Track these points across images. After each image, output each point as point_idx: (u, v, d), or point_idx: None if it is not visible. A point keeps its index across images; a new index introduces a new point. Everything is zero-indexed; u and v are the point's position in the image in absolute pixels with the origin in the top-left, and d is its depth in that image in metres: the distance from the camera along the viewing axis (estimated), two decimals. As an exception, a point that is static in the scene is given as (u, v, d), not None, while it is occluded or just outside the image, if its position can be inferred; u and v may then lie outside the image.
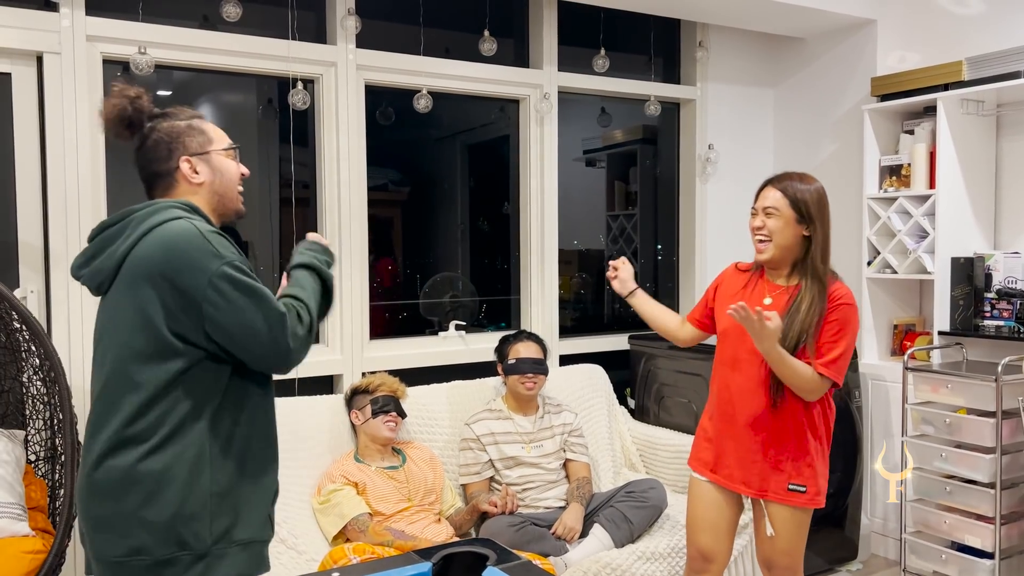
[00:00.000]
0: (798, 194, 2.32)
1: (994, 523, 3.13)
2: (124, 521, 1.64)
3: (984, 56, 3.42)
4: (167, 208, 1.70)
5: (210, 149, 1.79)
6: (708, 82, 4.29)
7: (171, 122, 1.77)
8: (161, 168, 1.76)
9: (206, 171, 1.78)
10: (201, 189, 1.78)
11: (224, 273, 1.62)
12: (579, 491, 3.12)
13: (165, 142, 1.75)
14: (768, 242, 2.35)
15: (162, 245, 1.63)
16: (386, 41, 3.46)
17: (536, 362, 3.20)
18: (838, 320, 2.30)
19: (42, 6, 2.85)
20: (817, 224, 2.32)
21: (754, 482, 2.41)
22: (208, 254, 1.62)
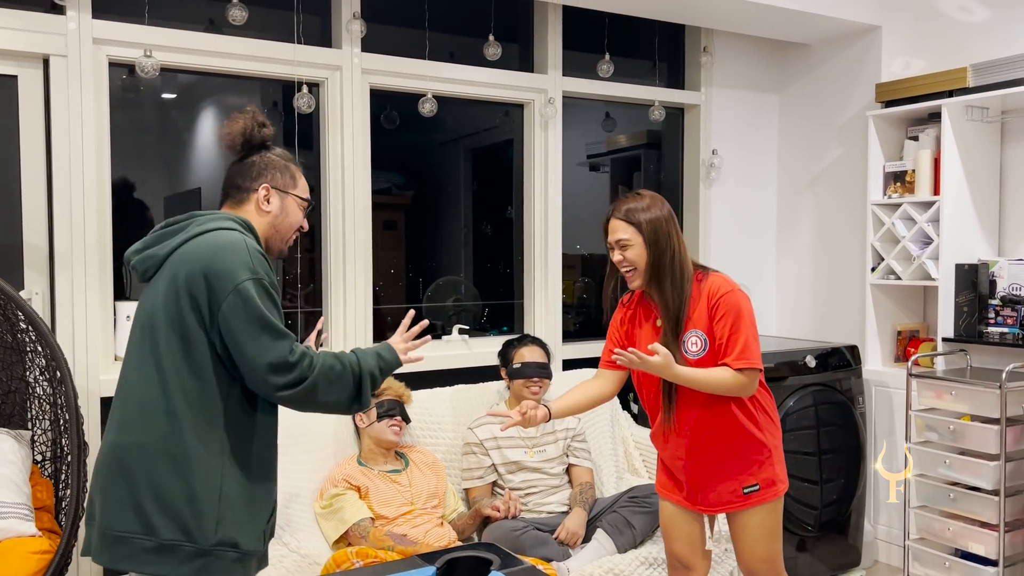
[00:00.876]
0: (640, 217, 2.32)
1: (998, 530, 3.12)
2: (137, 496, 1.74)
3: (989, 63, 3.42)
4: (227, 219, 1.87)
5: (290, 192, 1.98)
6: (712, 87, 4.30)
7: (272, 155, 1.98)
8: (243, 184, 1.94)
9: (276, 205, 1.95)
10: (264, 217, 1.95)
11: (248, 285, 1.76)
12: (582, 496, 3.12)
13: (259, 166, 1.95)
14: (633, 270, 2.35)
15: (210, 246, 1.79)
16: (391, 45, 3.47)
17: (541, 366, 3.21)
18: (727, 312, 2.30)
19: (49, 9, 2.86)
20: (663, 242, 2.31)
21: (708, 499, 2.40)
22: (244, 265, 1.77)
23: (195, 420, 1.77)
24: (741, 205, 4.41)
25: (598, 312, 4.41)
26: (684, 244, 2.36)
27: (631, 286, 2.39)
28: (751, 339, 2.30)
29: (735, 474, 2.36)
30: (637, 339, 2.44)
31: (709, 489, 2.40)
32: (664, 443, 2.47)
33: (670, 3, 3.61)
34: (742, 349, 2.27)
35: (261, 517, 1.87)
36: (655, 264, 2.31)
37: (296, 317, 3.45)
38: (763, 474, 2.37)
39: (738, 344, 2.28)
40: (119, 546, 1.75)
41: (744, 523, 2.40)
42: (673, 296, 2.32)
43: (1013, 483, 3.16)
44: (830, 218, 4.22)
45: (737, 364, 2.27)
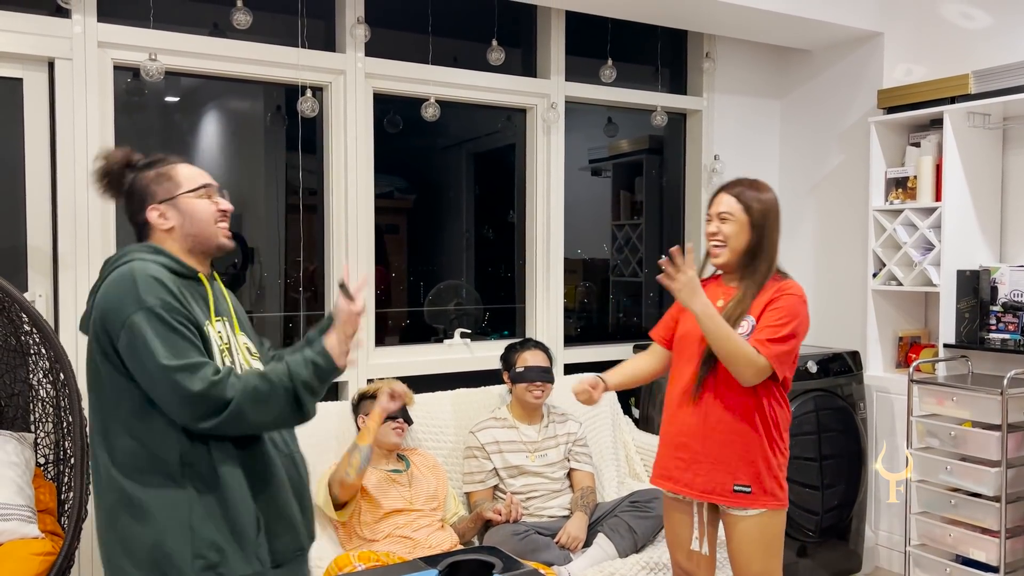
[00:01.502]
0: (750, 200, 2.37)
1: (999, 536, 3.12)
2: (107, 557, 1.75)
3: (991, 69, 3.43)
4: (130, 252, 1.78)
5: (177, 194, 1.83)
6: (715, 93, 4.31)
7: (143, 173, 1.83)
8: (137, 219, 1.84)
9: (175, 216, 1.82)
10: (173, 234, 1.82)
11: (135, 320, 1.65)
12: (583, 500, 3.12)
13: (137, 194, 1.83)
14: (723, 247, 2.39)
15: (104, 289, 1.72)
16: (395, 50, 3.48)
17: (544, 370, 3.21)
18: (784, 306, 2.30)
19: (54, 12, 2.87)
20: (765, 230, 2.35)
21: (698, 484, 2.37)
22: (129, 299, 1.67)
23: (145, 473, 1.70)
24: (743, 210, 4.41)
25: (600, 316, 4.42)
26: (776, 250, 2.38)
27: (715, 261, 2.42)
28: (789, 343, 2.28)
29: (731, 466, 2.33)
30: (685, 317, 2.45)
31: (702, 470, 2.36)
32: (673, 416, 2.44)
33: (672, 9, 3.63)
34: (776, 339, 2.26)
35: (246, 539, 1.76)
36: (751, 248, 2.35)
37: (298, 321, 3.45)
38: (759, 480, 2.33)
39: (777, 335, 2.27)
40: None
41: (739, 531, 2.36)
42: (751, 283, 2.34)
43: (1014, 489, 3.16)
44: (831, 224, 4.22)
45: (760, 346, 2.26)
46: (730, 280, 2.45)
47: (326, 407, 3.13)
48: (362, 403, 3.05)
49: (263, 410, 1.70)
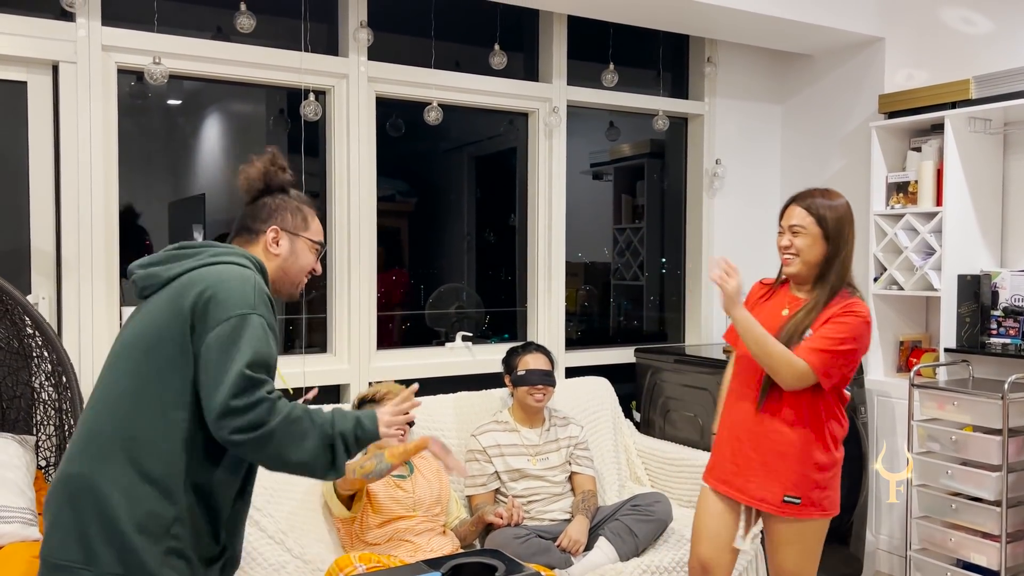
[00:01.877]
0: (823, 211, 2.35)
1: (1000, 541, 3.12)
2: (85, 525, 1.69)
3: (992, 75, 3.44)
4: (242, 255, 1.83)
5: (301, 234, 1.93)
6: (716, 97, 4.32)
7: (285, 197, 1.94)
8: (253, 225, 1.91)
9: (286, 248, 1.91)
10: (274, 260, 1.91)
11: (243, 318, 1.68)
12: (584, 504, 3.12)
13: (270, 208, 1.92)
14: (796, 257, 2.38)
15: (218, 274, 1.74)
16: (397, 54, 3.49)
17: (545, 374, 3.21)
18: (846, 323, 2.29)
19: (59, 16, 2.88)
20: (840, 241, 2.35)
21: (750, 490, 2.41)
22: (246, 300, 1.71)
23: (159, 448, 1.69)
24: (744, 215, 4.42)
25: (601, 319, 4.42)
26: (849, 259, 2.37)
27: (787, 270, 2.41)
28: (841, 356, 2.28)
29: (784, 477, 2.35)
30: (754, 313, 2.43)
31: (755, 476, 2.39)
32: (732, 420, 2.46)
33: (674, 13, 3.63)
34: (824, 351, 2.26)
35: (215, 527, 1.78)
36: (826, 260, 2.34)
37: (300, 324, 3.46)
38: (810, 492, 2.36)
39: (827, 346, 2.26)
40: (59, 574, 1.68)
41: (780, 534, 2.40)
42: (821, 295, 2.33)
43: (1015, 494, 3.16)
44: (833, 228, 4.22)
45: (808, 356, 2.26)
46: (799, 290, 2.45)
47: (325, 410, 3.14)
48: (363, 407, 3.05)
49: (295, 447, 1.69)
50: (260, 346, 1.68)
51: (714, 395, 3.57)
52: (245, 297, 1.71)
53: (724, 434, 2.51)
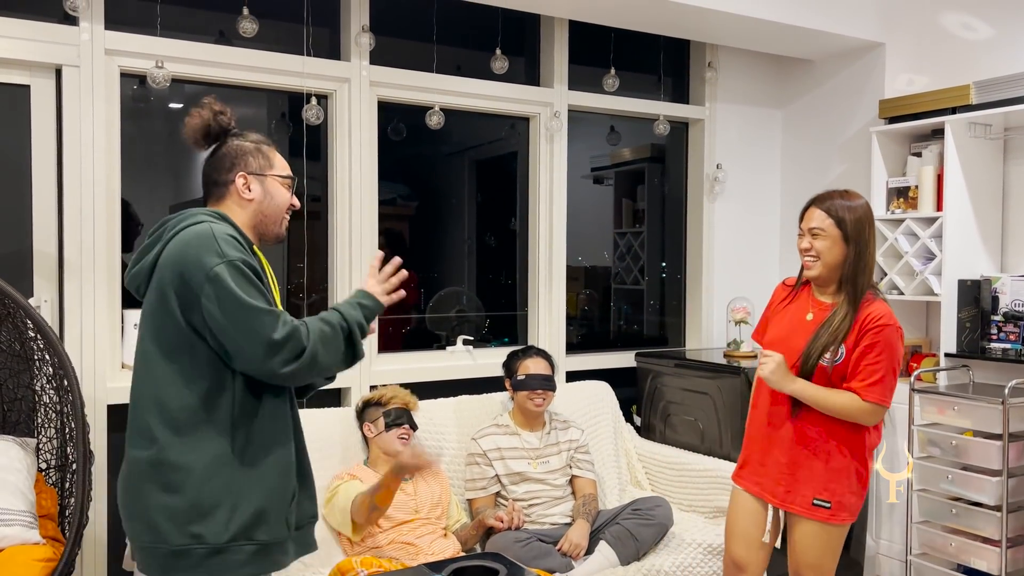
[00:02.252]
0: (841, 212, 2.36)
1: (1000, 546, 3.12)
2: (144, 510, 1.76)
3: (992, 80, 3.45)
4: (194, 214, 1.84)
5: (268, 173, 1.93)
6: (717, 102, 4.32)
7: (240, 141, 1.93)
8: (220, 178, 1.91)
9: (258, 191, 1.92)
10: (249, 205, 1.91)
11: (219, 271, 1.71)
12: (585, 508, 3.13)
13: (230, 156, 1.91)
14: (816, 260, 2.39)
15: (178, 244, 1.77)
16: (399, 58, 3.50)
17: (545, 378, 3.22)
18: (878, 342, 2.31)
19: (62, 20, 2.88)
20: (860, 242, 2.35)
21: (779, 492, 2.46)
22: (212, 252, 1.73)
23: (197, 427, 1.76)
24: (745, 220, 4.43)
25: (601, 324, 4.43)
26: (871, 260, 2.37)
27: (808, 273, 2.42)
28: (890, 375, 2.32)
29: (815, 482, 2.39)
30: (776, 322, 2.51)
31: (784, 480, 2.43)
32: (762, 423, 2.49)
33: (675, 19, 3.64)
34: (877, 381, 2.30)
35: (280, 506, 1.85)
36: (847, 262, 2.34)
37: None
38: (840, 497, 2.39)
39: (876, 375, 2.29)
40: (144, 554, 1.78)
41: (804, 532, 2.44)
42: (849, 302, 2.34)
43: (1015, 499, 3.16)
44: (833, 233, 4.23)
45: (869, 395, 2.30)
46: (822, 293, 2.46)
47: (329, 413, 3.14)
48: (367, 410, 3.05)
49: (330, 352, 1.79)
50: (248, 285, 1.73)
51: (714, 400, 3.58)
52: (208, 252, 1.73)
53: (754, 434, 2.54)
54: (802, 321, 2.44)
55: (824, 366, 2.35)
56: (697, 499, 3.39)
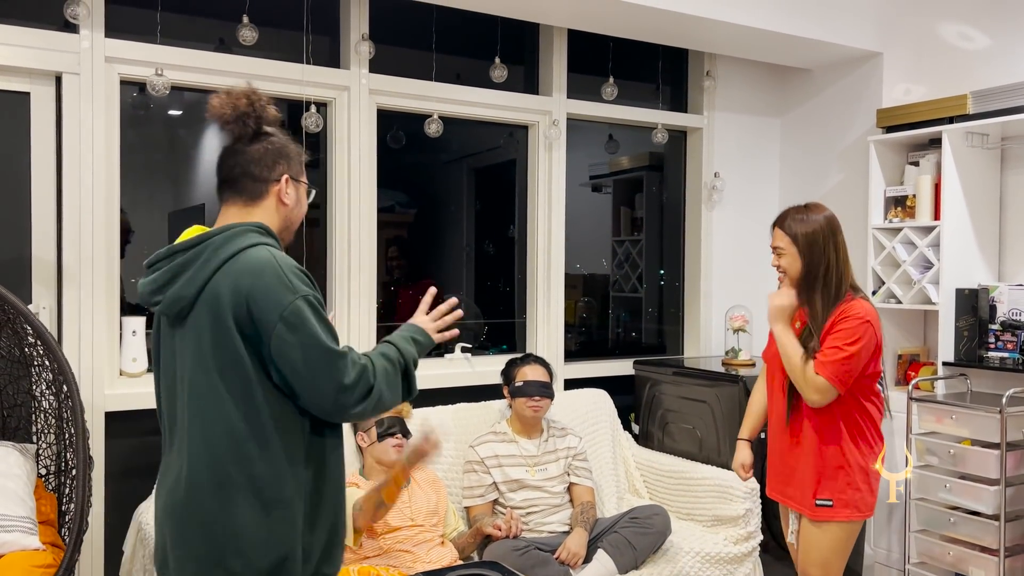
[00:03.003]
0: (795, 228, 2.50)
1: (998, 555, 3.12)
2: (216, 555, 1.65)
3: (989, 90, 3.46)
4: (245, 233, 1.67)
5: (301, 180, 1.81)
6: (715, 111, 4.34)
7: (285, 139, 1.78)
8: (261, 174, 1.73)
9: (294, 197, 1.78)
10: (282, 211, 1.77)
11: (296, 308, 1.60)
12: (583, 516, 3.12)
13: (275, 153, 1.74)
14: (785, 275, 2.55)
15: (243, 273, 1.61)
16: (398, 66, 3.51)
17: (543, 385, 3.22)
18: (846, 329, 2.41)
19: (62, 27, 2.89)
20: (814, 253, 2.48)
21: (792, 494, 2.57)
22: (284, 287, 1.60)
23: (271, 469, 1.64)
24: (743, 228, 4.44)
25: (600, 331, 4.43)
26: (846, 261, 2.50)
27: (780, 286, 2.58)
28: (849, 360, 2.39)
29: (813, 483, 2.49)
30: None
31: (789, 483, 2.57)
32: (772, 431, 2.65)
33: (673, 28, 3.66)
34: (832, 362, 2.39)
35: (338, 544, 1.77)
36: (806, 274, 2.48)
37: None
38: (842, 493, 2.48)
39: (832, 356, 2.39)
40: None
41: (810, 531, 2.54)
42: (822, 306, 2.46)
43: (1013, 508, 3.16)
44: (831, 241, 4.23)
45: (819, 368, 2.40)
46: (802, 299, 2.56)
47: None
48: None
49: (391, 389, 1.72)
50: (321, 322, 1.63)
51: (712, 408, 3.58)
52: (280, 287, 1.60)
53: (769, 445, 2.69)
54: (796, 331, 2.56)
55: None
56: (695, 508, 3.39)
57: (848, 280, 2.50)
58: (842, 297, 2.47)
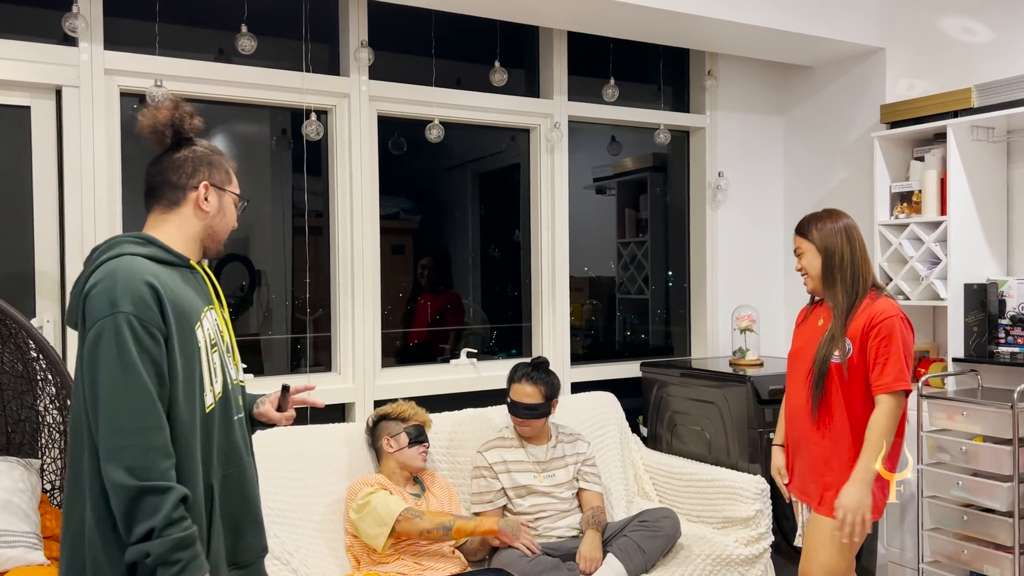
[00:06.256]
0: (812, 228, 2.62)
1: (1013, 552, 3.09)
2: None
3: (993, 83, 3.43)
4: (121, 243, 1.70)
5: (227, 189, 1.84)
6: (717, 110, 4.32)
7: (204, 149, 1.82)
8: (179, 181, 1.77)
9: (215, 205, 1.81)
10: (203, 218, 1.80)
11: (102, 326, 1.57)
12: (594, 519, 3.10)
13: (193, 161, 1.79)
14: (807, 275, 2.65)
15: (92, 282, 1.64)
16: (398, 72, 3.50)
17: (528, 408, 3.15)
18: (883, 336, 2.47)
19: (61, 41, 2.90)
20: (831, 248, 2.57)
21: (811, 491, 2.61)
22: (107, 300, 1.59)
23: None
24: (748, 227, 4.42)
25: (607, 334, 4.41)
26: (864, 258, 2.58)
27: (806, 288, 2.68)
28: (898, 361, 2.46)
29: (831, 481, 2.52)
30: (798, 336, 2.73)
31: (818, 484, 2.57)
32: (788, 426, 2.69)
33: (674, 28, 3.64)
34: (887, 372, 2.46)
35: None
36: (826, 269, 2.57)
37: (305, 343, 3.46)
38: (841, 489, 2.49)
39: (887, 368, 2.46)
40: None
41: (819, 525, 2.55)
42: (844, 298, 2.54)
43: (1027, 504, 3.13)
44: (837, 239, 4.21)
45: (881, 388, 2.46)
46: (827, 300, 2.64)
47: (331, 430, 3.13)
48: (387, 424, 3.03)
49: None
50: (129, 349, 1.56)
51: (721, 409, 3.56)
52: (106, 296, 1.59)
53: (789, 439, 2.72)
54: (815, 327, 2.65)
55: (837, 363, 2.52)
56: (705, 510, 3.37)
57: (869, 274, 2.58)
58: (863, 291, 2.54)
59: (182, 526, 1.56)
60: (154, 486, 1.54)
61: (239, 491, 1.80)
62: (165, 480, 1.55)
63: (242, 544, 1.81)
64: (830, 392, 2.54)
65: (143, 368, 1.57)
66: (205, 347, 1.73)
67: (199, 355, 1.71)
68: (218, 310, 1.83)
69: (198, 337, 1.71)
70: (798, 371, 2.66)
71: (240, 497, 1.80)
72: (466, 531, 2.76)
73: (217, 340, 1.78)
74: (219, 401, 1.76)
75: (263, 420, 1.97)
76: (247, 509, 1.82)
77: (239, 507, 1.80)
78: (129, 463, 1.53)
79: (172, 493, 1.55)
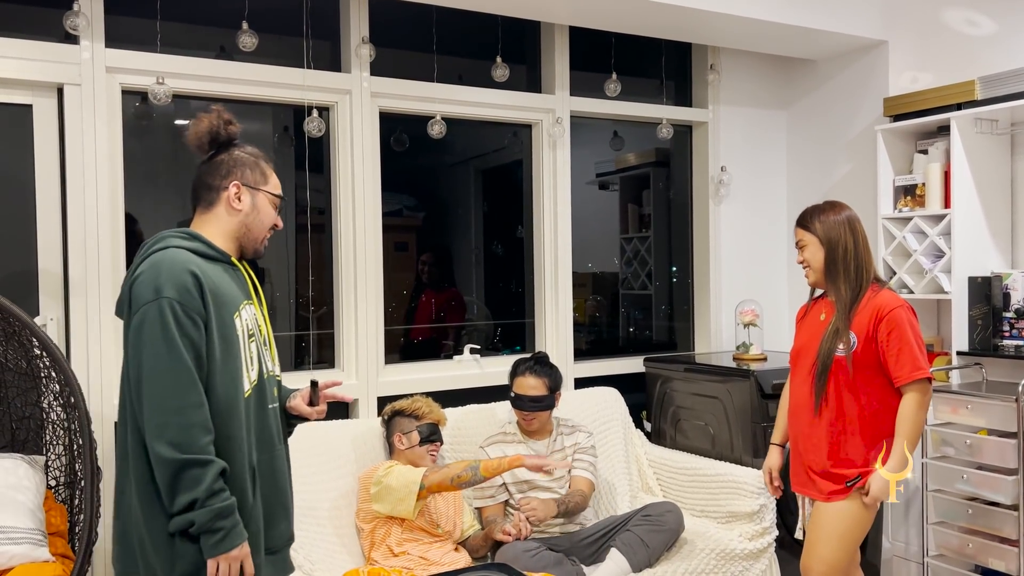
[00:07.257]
0: (813, 220, 2.61)
1: (1019, 546, 3.08)
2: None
3: (997, 75, 3.42)
4: (167, 237, 1.84)
5: (261, 188, 1.95)
6: (720, 105, 4.31)
7: (240, 152, 1.95)
8: (213, 183, 1.92)
9: (248, 204, 1.93)
10: (235, 216, 1.92)
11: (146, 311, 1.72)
12: (568, 497, 3.08)
13: (227, 164, 1.92)
14: (809, 267, 2.64)
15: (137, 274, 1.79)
16: (400, 68, 3.50)
17: (533, 400, 3.16)
18: (890, 329, 2.47)
19: (63, 39, 2.90)
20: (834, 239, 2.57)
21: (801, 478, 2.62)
22: (151, 287, 1.74)
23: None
24: (751, 221, 4.41)
25: (610, 330, 4.41)
26: (867, 250, 2.59)
27: (808, 281, 2.69)
28: (911, 350, 2.47)
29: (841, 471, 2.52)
30: (800, 331, 2.72)
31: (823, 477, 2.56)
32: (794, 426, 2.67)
33: (676, 22, 3.64)
34: (909, 362, 2.46)
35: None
36: (829, 261, 2.57)
37: (309, 340, 3.46)
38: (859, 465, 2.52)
39: (902, 360, 2.46)
40: None
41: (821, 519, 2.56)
42: (847, 291, 2.54)
43: (1032, 498, 3.12)
44: (841, 233, 4.20)
45: (901, 379, 2.46)
46: (829, 294, 2.65)
47: (335, 426, 3.14)
48: (400, 420, 3.03)
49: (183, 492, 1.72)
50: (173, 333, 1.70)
51: (724, 404, 3.55)
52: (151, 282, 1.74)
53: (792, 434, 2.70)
54: (818, 322, 2.64)
55: (841, 357, 2.50)
56: (709, 504, 3.36)
57: (871, 266, 2.58)
58: (866, 283, 2.54)
59: (222, 496, 1.70)
60: (196, 459, 1.68)
61: (270, 478, 1.91)
62: (205, 454, 1.69)
63: (273, 531, 1.92)
64: (833, 386, 2.52)
65: (184, 350, 1.71)
66: (243, 335, 1.85)
67: (237, 342, 1.83)
68: (257, 306, 1.95)
69: (236, 325, 1.83)
70: (801, 368, 2.64)
71: (271, 483, 1.92)
72: (492, 468, 2.75)
73: (255, 331, 1.91)
74: (255, 388, 1.87)
75: (295, 413, 2.06)
76: (277, 496, 1.93)
77: (271, 493, 1.91)
78: (172, 438, 1.67)
79: (213, 466, 1.69)
